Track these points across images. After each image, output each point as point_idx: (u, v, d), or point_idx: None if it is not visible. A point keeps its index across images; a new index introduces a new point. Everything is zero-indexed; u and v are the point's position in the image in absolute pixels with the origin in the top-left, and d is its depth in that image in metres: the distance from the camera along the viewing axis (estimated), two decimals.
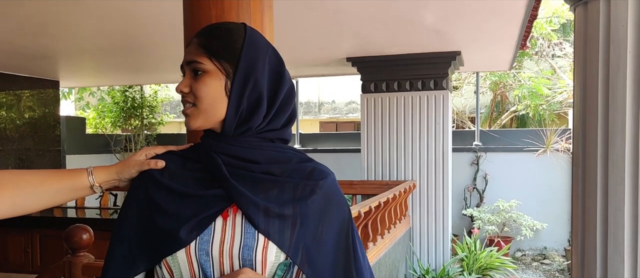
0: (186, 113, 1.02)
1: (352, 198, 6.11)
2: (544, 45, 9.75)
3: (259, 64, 1.00)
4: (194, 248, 0.95)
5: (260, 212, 0.96)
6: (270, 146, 1.03)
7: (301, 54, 5.90)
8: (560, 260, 7.35)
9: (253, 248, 0.95)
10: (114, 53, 5.73)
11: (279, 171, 1.01)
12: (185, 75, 1.03)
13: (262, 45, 1.03)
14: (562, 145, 7.21)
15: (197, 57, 1.00)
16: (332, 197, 1.03)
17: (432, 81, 5.91)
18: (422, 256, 6.03)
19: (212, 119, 1.00)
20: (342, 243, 1.02)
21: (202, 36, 1.02)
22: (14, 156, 6.81)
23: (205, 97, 0.99)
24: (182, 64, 1.04)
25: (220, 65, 0.99)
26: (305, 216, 0.99)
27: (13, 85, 6.87)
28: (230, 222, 0.97)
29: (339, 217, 1.03)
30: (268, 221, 0.96)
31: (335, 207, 1.03)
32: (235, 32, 1.02)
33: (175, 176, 1.02)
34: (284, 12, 3.80)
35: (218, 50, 1.00)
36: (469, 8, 4.12)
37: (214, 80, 0.99)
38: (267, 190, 0.99)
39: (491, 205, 7.51)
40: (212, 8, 1.87)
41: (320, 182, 1.02)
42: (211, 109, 0.99)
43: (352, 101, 14.14)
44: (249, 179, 0.99)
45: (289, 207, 0.98)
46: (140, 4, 3.79)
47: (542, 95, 9.79)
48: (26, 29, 4.50)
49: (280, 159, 1.03)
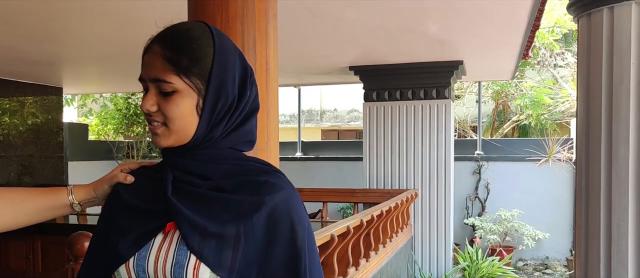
0: (156, 132, 0.95)
1: (354, 207, 6.11)
2: (546, 54, 9.77)
3: (229, 75, 0.95)
4: (132, 264, 0.94)
5: (196, 231, 0.92)
6: (230, 158, 0.98)
7: (304, 62, 5.92)
8: (562, 270, 7.32)
9: (184, 266, 0.91)
10: (117, 60, 5.75)
11: (230, 186, 0.96)
12: (148, 91, 0.94)
13: (231, 52, 0.97)
14: (564, 154, 7.20)
15: (165, 76, 0.91)
16: (281, 214, 0.94)
17: (434, 90, 5.92)
18: (423, 265, 6.01)
19: (183, 138, 0.95)
20: (291, 266, 0.94)
21: (167, 48, 0.93)
22: (16, 162, 6.82)
23: (176, 118, 0.93)
24: (144, 78, 0.95)
25: (191, 83, 0.92)
26: (249, 235, 0.92)
27: (17, 92, 6.89)
28: (168, 239, 0.94)
29: (289, 236, 0.94)
30: (203, 240, 0.91)
31: (284, 224, 0.94)
32: (204, 42, 0.94)
33: (137, 191, 1.01)
34: (288, 21, 3.81)
35: (188, 66, 0.92)
36: (471, 18, 4.14)
37: (185, 100, 0.93)
38: (212, 207, 0.94)
39: (493, 215, 7.50)
40: (217, 16, 1.89)
41: (267, 198, 0.94)
42: (183, 129, 0.94)
43: (354, 109, 14.16)
44: (193, 196, 0.95)
45: (231, 226, 0.92)
46: (144, 11, 3.82)
47: (544, 105, 9.79)
48: (32, 36, 4.53)
49: (235, 173, 0.97)
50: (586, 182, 2.21)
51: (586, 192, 2.21)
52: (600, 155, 2.13)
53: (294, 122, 11.17)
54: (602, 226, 2.13)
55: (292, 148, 8.92)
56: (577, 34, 2.32)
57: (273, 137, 1.96)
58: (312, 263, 0.98)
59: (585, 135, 2.21)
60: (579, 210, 2.26)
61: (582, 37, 2.25)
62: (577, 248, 2.33)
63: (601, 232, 2.14)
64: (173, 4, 3.43)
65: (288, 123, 13.49)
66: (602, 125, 2.12)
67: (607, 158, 2.11)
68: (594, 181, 2.16)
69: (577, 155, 2.31)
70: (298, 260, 0.94)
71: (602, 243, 2.13)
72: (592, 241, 2.18)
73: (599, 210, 2.14)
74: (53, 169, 7.31)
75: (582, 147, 2.25)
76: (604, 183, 2.12)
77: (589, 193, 2.19)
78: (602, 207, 2.12)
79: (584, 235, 2.23)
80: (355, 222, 3.61)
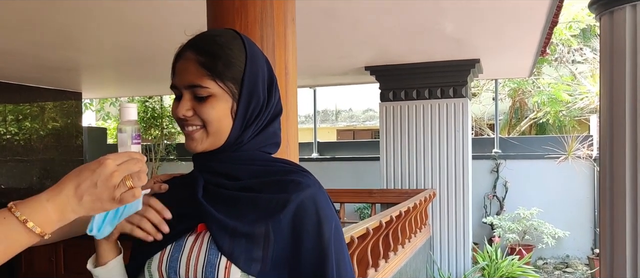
0: (192, 137, 0.97)
1: (372, 207, 6.10)
2: (563, 51, 9.65)
3: (259, 79, 0.98)
4: (165, 265, 0.97)
5: (226, 233, 0.94)
6: (258, 159, 1.00)
7: (320, 63, 5.93)
8: (584, 268, 7.23)
9: (216, 266, 0.93)
10: (135, 64, 5.82)
11: (257, 186, 0.98)
12: (182, 97, 0.96)
13: (260, 57, 1.00)
14: (584, 152, 7.11)
15: (201, 81, 0.94)
16: (307, 212, 0.95)
17: (451, 89, 5.88)
18: (442, 265, 5.98)
19: (218, 141, 0.97)
20: (319, 264, 0.94)
21: (202, 54, 0.95)
22: (38, 167, 6.93)
23: (214, 120, 0.95)
24: (177, 85, 0.97)
25: (226, 87, 0.95)
26: (277, 233, 0.93)
27: (37, 97, 7.01)
28: (199, 240, 0.96)
29: (316, 233, 0.94)
30: (233, 241, 0.93)
31: (311, 222, 0.95)
32: (236, 47, 0.97)
33: (169, 198, 1.02)
34: (304, 23, 3.82)
35: (223, 71, 0.94)
36: (489, 16, 4.11)
37: (221, 103, 0.95)
38: (240, 207, 0.96)
39: (511, 213, 7.43)
40: (236, 21, 1.90)
41: (293, 195, 0.95)
42: (219, 132, 0.96)
43: (369, 109, 14.13)
44: (223, 198, 0.97)
45: (260, 225, 0.94)
46: (162, 17, 3.85)
47: (562, 102, 9.67)
48: (52, 43, 4.60)
49: (263, 173, 0.99)
50: (611, 181, 2.18)
51: (611, 191, 2.18)
52: (624, 155, 2.10)
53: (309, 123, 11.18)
54: (628, 226, 2.11)
55: (308, 149, 8.93)
56: (599, 32, 2.29)
57: (293, 140, 1.98)
58: (341, 262, 0.97)
59: (609, 134, 2.18)
60: (604, 210, 2.23)
61: (605, 35, 2.22)
62: (602, 248, 2.30)
63: (627, 231, 2.11)
64: (191, 10, 3.47)
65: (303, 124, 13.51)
66: (627, 124, 2.09)
67: (632, 158, 2.08)
68: (619, 180, 2.13)
69: (601, 154, 2.29)
70: (325, 258, 0.94)
71: (628, 243, 2.11)
72: (618, 241, 2.15)
73: (624, 210, 2.11)
74: None
75: (605, 147, 2.22)
76: (629, 182, 2.09)
77: (614, 193, 2.16)
78: (627, 207, 2.10)
79: (609, 235, 2.21)
80: (375, 223, 3.60)
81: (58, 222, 0.77)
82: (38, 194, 0.77)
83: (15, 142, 6.65)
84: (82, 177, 0.77)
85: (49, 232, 0.76)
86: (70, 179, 0.78)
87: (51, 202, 0.76)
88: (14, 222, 0.74)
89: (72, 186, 0.77)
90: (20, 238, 0.74)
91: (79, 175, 0.78)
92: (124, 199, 0.80)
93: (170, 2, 3.45)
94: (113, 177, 0.78)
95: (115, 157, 0.81)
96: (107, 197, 0.78)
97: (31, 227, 0.74)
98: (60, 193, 0.77)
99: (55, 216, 0.76)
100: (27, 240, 0.75)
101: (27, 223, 0.74)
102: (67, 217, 0.77)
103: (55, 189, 0.77)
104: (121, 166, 0.80)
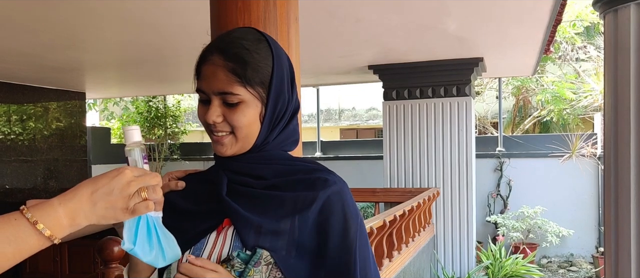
0: (222, 142, 0.97)
1: (375, 206, 6.09)
2: (567, 49, 9.62)
3: (285, 80, 0.99)
4: (185, 261, 0.97)
5: (251, 229, 0.94)
6: (280, 158, 1.01)
7: (323, 62, 5.93)
8: (588, 267, 7.21)
9: None
10: (139, 64, 5.83)
11: (283, 184, 0.98)
12: (211, 103, 0.95)
13: (284, 56, 1.00)
14: (588, 150, 7.09)
15: (232, 88, 0.93)
16: (334, 208, 0.96)
17: (454, 88, 5.87)
18: (446, 264, 5.97)
19: (247, 145, 0.98)
20: (342, 259, 0.95)
21: (230, 59, 0.93)
22: (42, 167, 6.96)
23: (244, 127, 0.95)
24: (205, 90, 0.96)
25: (255, 92, 0.95)
26: (303, 229, 0.95)
27: (42, 98, 7.03)
28: (222, 236, 0.97)
29: (342, 229, 0.96)
30: (258, 238, 0.94)
31: (337, 218, 0.96)
32: (263, 51, 0.96)
33: (188, 195, 1.03)
34: (307, 23, 3.82)
35: (252, 77, 0.94)
36: (492, 14, 4.10)
37: (251, 109, 0.95)
38: (267, 205, 0.96)
39: (515, 212, 7.42)
40: (239, 21, 1.90)
41: (321, 192, 0.96)
42: (248, 136, 0.97)
43: (372, 107, 14.12)
44: (248, 196, 0.97)
45: (286, 222, 0.95)
46: (165, 17, 3.86)
47: (566, 100, 9.64)
48: (55, 43, 4.61)
49: (287, 172, 1.00)
50: (615, 179, 2.17)
51: (615, 190, 2.18)
52: (629, 153, 2.09)
53: (312, 122, 11.17)
54: (633, 224, 2.10)
55: (311, 148, 8.94)
56: (604, 30, 2.29)
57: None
58: (366, 259, 0.98)
59: (613, 132, 2.17)
60: (608, 209, 2.23)
61: (609, 33, 2.21)
62: (607, 247, 2.29)
63: (632, 230, 2.10)
64: (195, 10, 3.48)
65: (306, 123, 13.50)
66: (631, 122, 2.08)
67: (636, 156, 2.07)
68: (624, 179, 2.12)
69: (605, 153, 2.28)
70: (350, 253, 0.95)
71: (633, 242, 2.10)
72: (622, 240, 2.14)
73: (629, 208, 2.10)
74: (77, 173, 7.44)
75: (610, 146, 2.21)
76: (634, 181, 2.08)
77: (618, 191, 2.16)
78: (632, 205, 2.09)
79: (614, 233, 2.20)
80: (378, 222, 3.60)
81: (69, 227, 0.76)
82: (51, 198, 0.77)
83: (20, 142, 6.68)
84: (99, 184, 0.78)
85: (59, 236, 0.75)
86: (86, 185, 0.78)
87: (63, 206, 0.76)
88: (24, 223, 0.73)
89: (87, 191, 0.77)
90: (29, 241, 0.74)
91: (96, 181, 0.78)
92: (137, 210, 0.80)
93: (174, 1, 3.46)
94: (129, 186, 0.78)
95: (133, 169, 0.82)
96: (121, 206, 0.78)
97: (41, 229, 0.73)
98: (73, 198, 0.76)
99: (66, 221, 0.76)
100: (37, 242, 0.74)
101: (37, 224, 0.73)
102: (79, 223, 0.77)
103: (69, 194, 0.77)
104: (139, 178, 0.80)
